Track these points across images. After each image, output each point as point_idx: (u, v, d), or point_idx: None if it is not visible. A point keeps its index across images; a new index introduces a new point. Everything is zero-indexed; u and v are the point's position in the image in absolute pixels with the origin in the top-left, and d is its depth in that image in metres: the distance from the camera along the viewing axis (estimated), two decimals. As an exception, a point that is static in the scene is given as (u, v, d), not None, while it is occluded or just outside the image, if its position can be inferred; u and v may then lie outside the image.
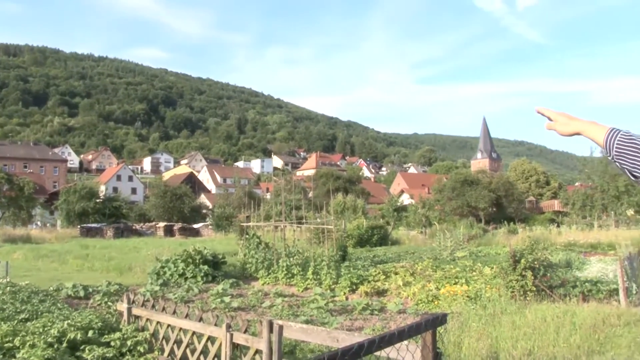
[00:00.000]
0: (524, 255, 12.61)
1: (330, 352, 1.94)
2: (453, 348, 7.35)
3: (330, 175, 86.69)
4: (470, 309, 11.00)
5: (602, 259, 18.10)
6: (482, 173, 75.10)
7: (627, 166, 1.92)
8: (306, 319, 10.53)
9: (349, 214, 48.08)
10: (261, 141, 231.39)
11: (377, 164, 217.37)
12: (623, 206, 51.33)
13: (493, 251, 26.52)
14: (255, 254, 18.68)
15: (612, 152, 1.94)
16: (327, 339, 4.67)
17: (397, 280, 14.95)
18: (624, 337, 8.69)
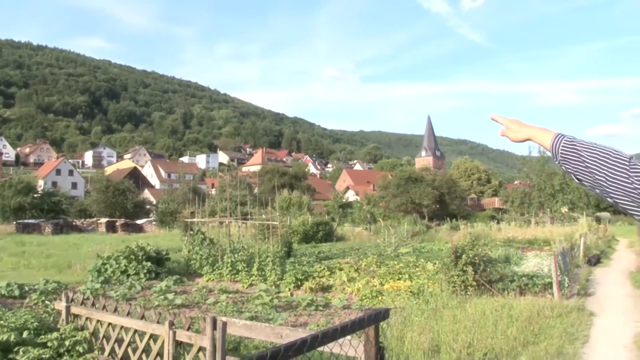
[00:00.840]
0: (465, 251, 12.92)
1: (273, 349, 1.97)
2: (396, 342, 7.47)
3: (276, 172, 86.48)
4: (413, 303, 11.21)
5: (538, 254, 18.71)
6: (426, 171, 76.36)
7: (570, 170, 2.00)
8: (251, 316, 10.51)
9: (295, 210, 48.08)
10: (207, 136, 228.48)
11: (323, 161, 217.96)
12: (558, 204, 53.03)
13: (436, 247, 26.98)
14: (199, 250, 18.49)
15: (558, 157, 2.02)
16: (271, 335, 4.70)
17: (342, 276, 15.07)
18: (556, 328, 9.04)
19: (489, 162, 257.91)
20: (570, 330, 9.08)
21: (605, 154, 1.88)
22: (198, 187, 75.59)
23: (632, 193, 1.80)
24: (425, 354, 6.94)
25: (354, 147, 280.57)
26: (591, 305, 11.88)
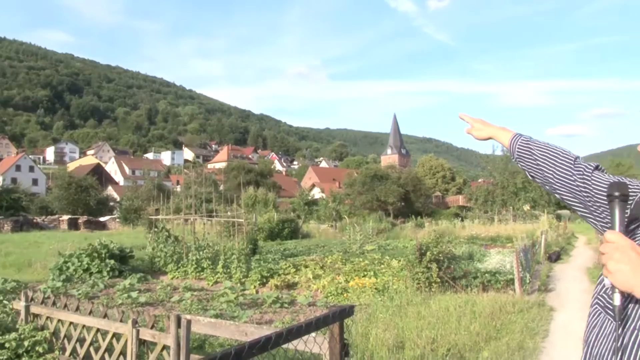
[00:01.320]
0: (430, 248, 13.06)
1: (237, 346, 1.97)
2: (361, 339, 7.52)
3: (241, 169, 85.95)
4: (378, 300, 11.29)
5: (501, 251, 18.98)
6: (391, 168, 76.75)
7: (524, 167, 2.13)
8: (216, 313, 10.46)
9: (260, 207, 47.97)
10: (172, 133, 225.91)
11: (289, 158, 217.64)
12: (520, 201, 53.96)
13: (401, 244, 27.19)
14: (164, 248, 18.31)
15: (515, 155, 2.15)
16: (236, 333, 4.69)
17: (307, 273, 15.10)
18: (517, 323, 9.21)
19: (454, 160, 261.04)
20: (531, 325, 9.26)
21: (554, 153, 2.01)
22: (163, 184, 74.76)
23: (574, 190, 1.91)
24: (389, 350, 7.00)
25: (320, 145, 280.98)
26: (551, 300, 12.13)
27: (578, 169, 1.92)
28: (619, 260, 1.46)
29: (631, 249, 1.46)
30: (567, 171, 1.95)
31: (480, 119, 2.31)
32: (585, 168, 1.91)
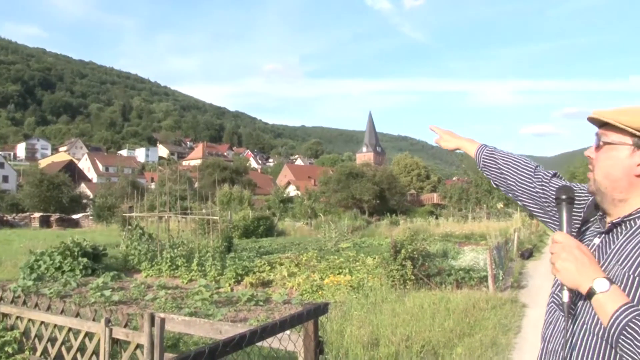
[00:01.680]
0: (404, 245, 13.13)
1: (211, 344, 1.96)
2: (336, 336, 7.53)
3: (216, 166, 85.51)
4: (353, 298, 11.33)
5: (475, 249, 19.18)
6: (366, 166, 76.93)
7: (489, 176, 2.26)
8: (190, 312, 10.40)
9: (235, 204, 47.82)
10: (146, 129, 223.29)
11: (264, 155, 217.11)
12: (494, 199, 54.60)
13: (376, 242, 27.30)
14: (138, 246, 18.15)
15: (480, 165, 2.28)
16: (210, 331, 4.67)
17: (282, 271, 15.08)
18: (490, 319, 9.32)
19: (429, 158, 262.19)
20: (503, 321, 9.37)
21: (516, 163, 2.13)
22: (137, 181, 73.93)
23: (534, 196, 2.03)
24: (364, 347, 7.02)
25: (296, 142, 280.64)
26: (524, 297, 12.28)
27: (538, 177, 2.04)
28: (565, 259, 1.55)
29: (576, 248, 1.56)
30: (528, 179, 2.06)
31: (449, 131, 2.44)
32: (544, 175, 2.03)
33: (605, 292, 1.45)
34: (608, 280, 1.47)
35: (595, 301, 1.46)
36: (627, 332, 1.36)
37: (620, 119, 1.62)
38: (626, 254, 1.56)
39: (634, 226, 1.60)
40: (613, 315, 1.41)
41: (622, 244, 1.60)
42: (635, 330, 1.35)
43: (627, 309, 1.39)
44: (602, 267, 1.58)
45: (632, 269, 1.51)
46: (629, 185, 1.62)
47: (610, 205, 1.69)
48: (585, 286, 1.49)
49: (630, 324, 1.36)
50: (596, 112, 1.71)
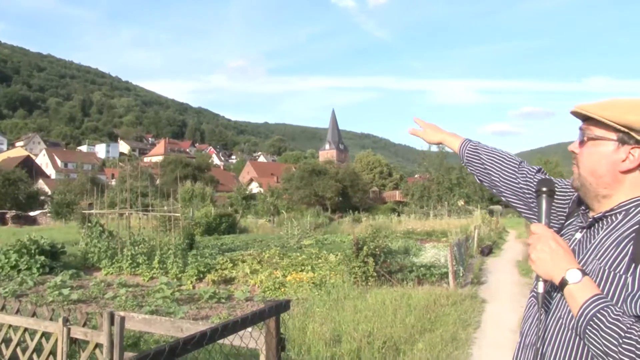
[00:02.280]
0: (367, 243, 13.20)
1: (172, 342, 1.94)
2: (298, 333, 7.54)
3: (179, 162, 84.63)
4: (315, 295, 11.35)
5: (436, 246, 19.41)
6: (329, 163, 77.15)
7: (473, 171, 2.23)
8: (151, 310, 10.28)
9: (198, 201, 47.35)
10: (107, 125, 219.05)
11: (227, 152, 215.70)
12: (455, 197, 55.31)
13: (338, 239, 27.38)
14: (98, 243, 17.84)
15: (464, 160, 2.24)
16: (171, 329, 4.62)
17: (245, 268, 15.03)
18: (451, 315, 9.45)
19: (391, 156, 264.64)
20: (463, 317, 9.51)
21: (500, 158, 2.10)
22: (97, 178, 72.84)
23: (519, 192, 2.01)
24: (326, 343, 7.05)
25: (259, 139, 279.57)
26: (483, 293, 12.49)
27: (522, 172, 2.02)
28: (541, 250, 1.55)
29: (552, 239, 1.56)
30: (512, 174, 2.05)
31: (432, 124, 2.40)
32: (528, 171, 2.02)
33: (576, 283, 1.46)
34: (581, 271, 1.47)
35: (567, 292, 1.47)
36: (594, 322, 1.37)
37: (604, 114, 1.61)
38: (604, 248, 1.57)
39: (614, 221, 1.61)
40: (582, 306, 1.42)
41: (602, 238, 1.60)
42: (602, 321, 1.36)
43: (596, 300, 1.40)
44: (581, 261, 1.59)
45: (609, 264, 1.52)
46: (614, 182, 1.62)
47: (594, 201, 1.69)
48: (558, 277, 1.50)
49: (597, 314, 1.37)
50: (579, 106, 1.70)
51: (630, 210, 1.59)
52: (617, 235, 1.56)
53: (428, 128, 2.39)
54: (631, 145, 1.58)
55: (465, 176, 57.89)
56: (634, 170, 1.60)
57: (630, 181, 1.61)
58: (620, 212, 1.61)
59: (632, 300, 1.40)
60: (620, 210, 1.61)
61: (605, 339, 1.34)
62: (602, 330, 1.35)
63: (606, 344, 1.34)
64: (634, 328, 1.32)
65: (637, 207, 1.58)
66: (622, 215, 1.60)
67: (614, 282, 1.49)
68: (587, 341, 1.40)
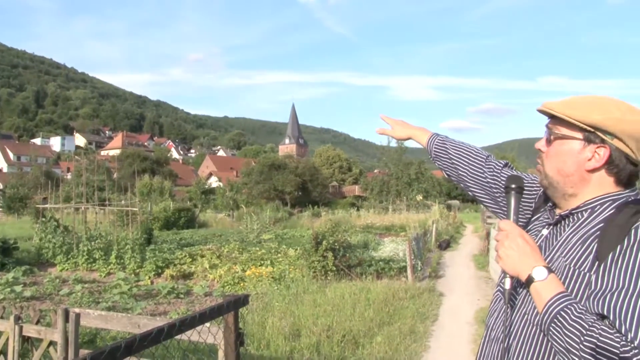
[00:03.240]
0: (326, 237, 13.25)
1: (128, 339, 1.91)
2: (257, 328, 7.53)
3: (136, 156, 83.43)
4: (275, 289, 11.34)
5: (395, 240, 19.55)
6: (289, 158, 76.98)
7: (440, 166, 2.22)
8: (108, 306, 10.14)
9: (156, 196, 46.84)
10: (62, 117, 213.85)
11: (186, 146, 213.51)
12: (414, 192, 55.79)
13: (298, 233, 27.39)
14: (52, 238, 17.44)
15: (432, 155, 2.23)
16: (128, 325, 4.56)
17: (204, 263, 14.93)
18: (409, 308, 9.56)
19: (351, 151, 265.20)
20: (421, 310, 9.63)
21: (468, 152, 2.11)
22: (52, 171, 71.33)
23: (486, 187, 2.03)
24: (286, 338, 7.06)
25: (218, 133, 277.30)
26: (441, 286, 12.67)
27: (489, 167, 2.04)
28: (508, 247, 1.57)
29: (519, 236, 1.57)
30: (479, 169, 2.06)
31: (400, 120, 2.38)
32: (495, 165, 2.03)
33: (542, 281, 1.48)
34: (547, 269, 1.49)
35: (533, 289, 1.50)
36: (557, 320, 1.40)
37: (570, 113, 1.61)
38: (570, 246, 1.59)
39: (580, 219, 1.62)
40: (547, 303, 1.44)
41: (568, 236, 1.62)
42: (565, 319, 1.38)
43: (560, 298, 1.43)
44: (547, 258, 1.61)
45: (574, 262, 1.54)
46: (580, 180, 1.63)
47: (561, 199, 1.70)
48: (525, 274, 1.51)
49: (561, 312, 1.40)
50: (546, 104, 1.70)
51: (596, 209, 1.61)
52: (582, 233, 1.59)
53: (396, 125, 2.37)
54: (597, 145, 1.59)
55: (423, 171, 58.53)
56: (599, 169, 1.61)
57: (597, 180, 1.63)
58: (587, 210, 1.63)
59: (595, 299, 1.42)
60: (586, 208, 1.63)
61: (568, 337, 1.37)
62: (565, 328, 1.38)
63: (568, 341, 1.37)
64: (595, 326, 1.34)
65: (602, 205, 1.60)
66: (588, 213, 1.62)
67: (578, 279, 1.51)
68: (551, 338, 1.43)
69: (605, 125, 1.56)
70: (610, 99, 1.64)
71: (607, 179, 1.62)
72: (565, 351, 1.38)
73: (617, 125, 1.56)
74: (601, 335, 1.32)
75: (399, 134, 2.35)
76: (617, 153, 1.58)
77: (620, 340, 1.31)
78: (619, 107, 1.59)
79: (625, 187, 1.63)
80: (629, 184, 1.64)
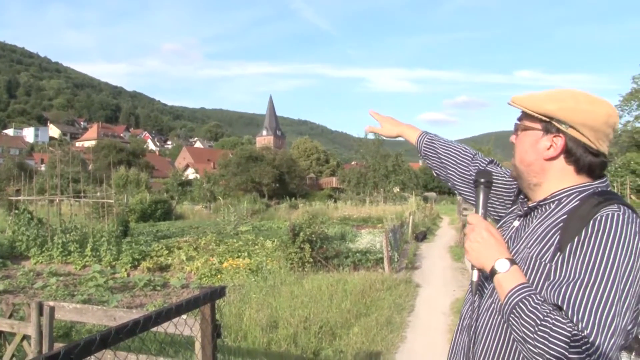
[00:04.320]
0: (303, 229, 13.26)
1: (103, 331, 1.91)
2: (235, 319, 7.53)
3: (112, 147, 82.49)
4: (252, 281, 11.35)
5: (372, 232, 19.65)
6: (266, 150, 76.74)
7: (429, 164, 2.24)
8: (83, 299, 10.05)
9: (132, 188, 46.47)
10: (35, 108, 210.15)
11: (162, 137, 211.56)
12: (391, 184, 56.03)
13: (275, 225, 27.40)
14: (26, 231, 17.20)
15: (421, 153, 2.25)
16: (103, 318, 4.53)
17: (181, 255, 14.87)
18: (386, 299, 9.62)
19: (328, 142, 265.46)
20: (398, 301, 9.70)
21: (456, 152, 2.12)
22: (25, 163, 70.15)
23: (472, 185, 2.01)
24: (263, 329, 7.06)
25: (195, 125, 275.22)
26: (417, 277, 12.76)
27: (475, 165, 2.06)
28: (474, 240, 1.61)
29: (485, 229, 1.60)
30: (466, 167, 2.08)
31: (389, 117, 2.37)
32: (480, 163, 2.06)
33: (504, 273, 1.51)
34: (510, 261, 1.53)
35: (496, 280, 1.53)
36: (515, 310, 1.43)
37: (527, 104, 1.68)
38: (535, 237, 1.62)
39: (547, 210, 1.66)
40: (507, 294, 1.47)
41: (535, 227, 1.65)
42: (522, 309, 1.41)
43: (520, 289, 1.46)
44: (515, 249, 1.66)
45: (537, 252, 1.57)
46: (541, 170, 1.67)
47: (528, 189, 1.74)
48: (488, 266, 1.55)
49: (519, 303, 1.43)
50: (514, 98, 1.75)
51: (562, 200, 1.64)
52: (547, 224, 1.62)
53: (385, 122, 2.36)
54: (553, 134, 1.63)
55: (400, 163, 58.75)
56: (557, 158, 1.65)
57: (557, 169, 1.66)
58: (554, 202, 1.66)
59: (552, 289, 1.46)
60: (553, 200, 1.66)
61: (524, 326, 1.40)
62: (521, 318, 1.41)
63: (524, 331, 1.40)
64: (550, 316, 1.37)
65: (568, 197, 1.63)
66: (555, 205, 1.65)
67: (539, 270, 1.55)
68: (510, 327, 1.46)
69: (558, 115, 1.61)
70: (572, 90, 1.68)
71: (567, 168, 1.65)
72: (522, 340, 1.42)
73: (570, 115, 1.60)
74: (554, 325, 1.36)
75: (388, 132, 2.35)
76: (572, 142, 1.62)
77: (572, 330, 1.34)
78: (576, 97, 1.64)
79: (594, 178, 1.66)
80: (595, 175, 1.66)
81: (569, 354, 1.32)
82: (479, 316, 1.71)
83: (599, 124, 1.59)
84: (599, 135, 1.60)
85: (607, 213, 1.48)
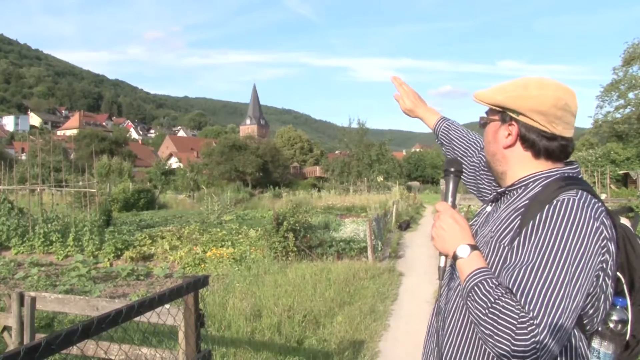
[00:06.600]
0: (287, 218, 13.25)
1: (85, 321, 1.90)
2: (218, 309, 7.52)
3: (94, 136, 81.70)
4: (236, 270, 11.35)
5: (355, 221, 19.71)
6: (250, 139, 76.56)
7: (444, 152, 2.28)
8: (66, 289, 9.98)
9: (115, 177, 46.13)
10: (15, 96, 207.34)
11: (145, 126, 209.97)
12: (374, 173, 56.21)
13: (259, 214, 27.38)
14: (7, 221, 17.02)
15: (437, 139, 2.29)
16: (86, 308, 4.51)
17: (164, 244, 14.81)
18: (369, 288, 9.67)
19: (312, 132, 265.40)
20: (381, 290, 9.75)
21: (468, 143, 2.17)
22: (5, 152, 69.48)
23: (474, 174, 2.09)
24: (247, 319, 7.07)
25: (178, 113, 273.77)
26: (401, 266, 12.83)
27: (480, 157, 2.10)
28: (439, 227, 1.67)
29: (450, 217, 1.66)
30: (471, 158, 2.14)
31: (413, 91, 2.34)
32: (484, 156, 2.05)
33: (465, 258, 1.57)
34: (470, 247, 1.58)
35: (458, 265, 1.60)
36: (472, 293, 1.49)
37: (483, 97, 1.75)
38: (499, 221, 1.66)
39: (514, 196, 1.70)
40: (466, 278, 1.54)
41: (501, 212, 1.70)
42: (476, 292, 1.47)
43: (477, 273, 1.52)
44: (481, 233, 1.72)
45: (498, 236, 1.62)
46: (503, 158, 1.73)
47: (498, 178, 1.81)
48: (451, 252, 1.62)
49: (475, 286, 1.49)
50: (475, 93, 1.80)
51: (529, 185, 1.68)
52: (511, 208, 1.66)
53: (406, 97, 2.33)
54: (508, 123, 1.70)
55: (384, 152, 58.90)
56: (514, 145, 1.70)
57: (517, 156, 1.71)
58: (520, 187, 1.70)
59: (506, 273, 1.50)
60: (520, 185, 1.70)
61: (477, 308, 1.46)
62: (475, 300, 1.47)
63: (477, 313, 1.46)
64: (501, 299, 1.42)
65: (535, 182, 1.67)
66: (522, 190, 1.69)
67: (499, 253, 1.60)
68: (468, 309, 1.52)
69: (507, 104, 1.67)
70: (526, 78, 1.72)
71: (525, 154, 1.70)
72: (476, 322, 1.47)
73: (518, 102, 1.65)
74: (504, 307, 1.41)
75: (408, 109, 2.33)
76: (525, 128, 1.66)
77: (520, 312, 1.39)
78: (527, 85, 1.68)
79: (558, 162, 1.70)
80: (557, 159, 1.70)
81: (515, 335, 1.37)
82: (449, 300, 1.77)
83: (547, 107, 1.62)
84: (549, 118, 1.63)
85: (564, 198, 1.52)
